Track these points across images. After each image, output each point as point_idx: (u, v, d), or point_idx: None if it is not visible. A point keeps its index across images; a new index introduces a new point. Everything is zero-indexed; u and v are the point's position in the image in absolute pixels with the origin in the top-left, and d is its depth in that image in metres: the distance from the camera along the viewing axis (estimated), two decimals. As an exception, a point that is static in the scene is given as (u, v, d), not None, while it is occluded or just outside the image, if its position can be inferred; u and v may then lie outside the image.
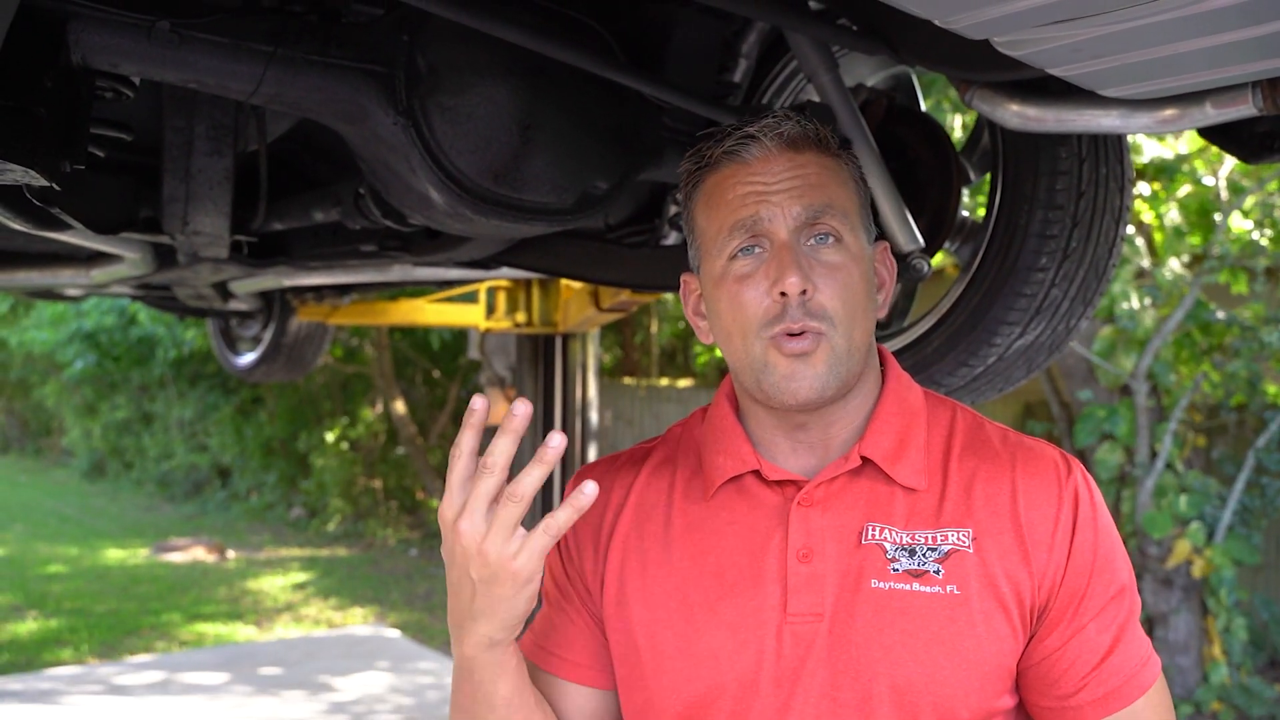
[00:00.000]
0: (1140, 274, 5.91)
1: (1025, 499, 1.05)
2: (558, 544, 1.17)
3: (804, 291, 1.03)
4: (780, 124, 1.07)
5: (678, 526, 1.12)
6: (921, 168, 1.86)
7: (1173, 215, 5.90)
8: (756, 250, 1.06)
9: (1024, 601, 1.03)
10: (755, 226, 1.05)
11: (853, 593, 1.03)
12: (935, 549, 1.03)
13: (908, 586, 1.02)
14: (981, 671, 1.01)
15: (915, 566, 1.03)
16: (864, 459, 1.08)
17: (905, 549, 1.03)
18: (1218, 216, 5.74)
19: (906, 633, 1.01)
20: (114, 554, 10.41)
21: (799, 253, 1.04)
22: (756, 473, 1.10)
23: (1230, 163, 5.76)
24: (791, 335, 1.03)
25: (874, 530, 1.05)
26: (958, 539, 1.03)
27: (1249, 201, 5.73)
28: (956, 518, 1.05)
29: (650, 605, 1.09)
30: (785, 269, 1.03)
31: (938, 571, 1.02)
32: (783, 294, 1.03)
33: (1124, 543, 1.11)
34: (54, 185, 1.21)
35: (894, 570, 1.03)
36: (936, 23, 1.10)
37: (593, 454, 4.83)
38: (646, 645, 1.09)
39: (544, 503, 4.75)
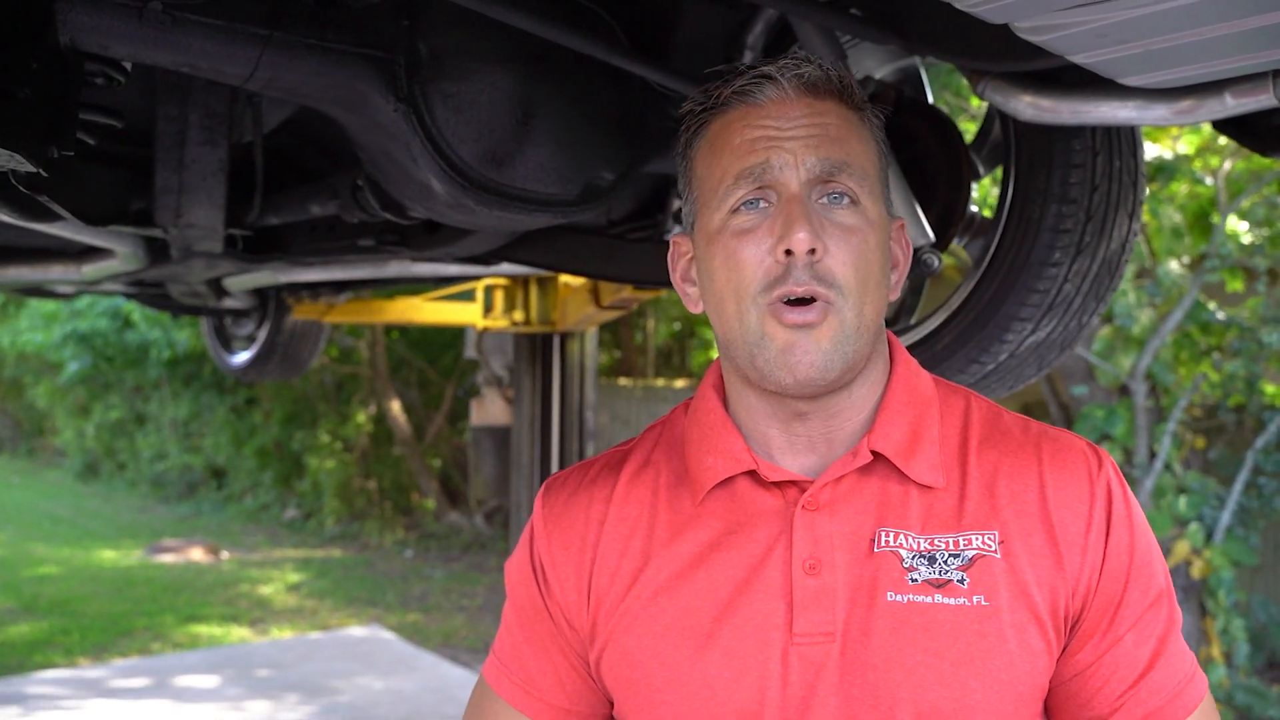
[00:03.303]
0: (1139, 273, 5.89)
1: (1055, 494, 0.94)
2: (533, 569, 1.05)
3: (812, 251, 0.89)
4: (800, 66, 0.94)
5: (663, 540, 0.99)
6: (931, 161, 1.83)
7: (1171, 215, 5.89)
8: (762, 205, 0.93)
9: (1058, 610, 0.91)
10: (764, 175, 0.92)
11: (867, 607, 0.91)
12: (958, 555, 0.91)
13: (929, 599, 0.90)
14: (1015, 692, 0.90)
15: (936, 575, 0.91)
16: (874, 454, 0.95)
17: (924, 556, 0.92)
18: (1216, 220, 5.73)
19: (930, 651, 0.89)
20: (107, 555, 10.36)
21: (810, 208, 0.91)
22: (752, 473, 0.98)
23: (1229, 164, 5.75)
24: (794, 304, 0.91)
25: (887, 536, 0.93)
26: (983, 543, 0.92)
27: (1247, 202, 5.71)
28: (980, 519, 0.93)
29: (638, 632, 0.97)
30: (793, 223, 0.89)
31: (962, 580, 0.91)
32: (788, 252, 0.90)
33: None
34: (41, 171, 1.17)
35: (912, 580, 0.91)
36: (957, 7, 1.07)
37: (590, 454, 4.79)
38: (636, 677, 0.97)
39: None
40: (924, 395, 1.00)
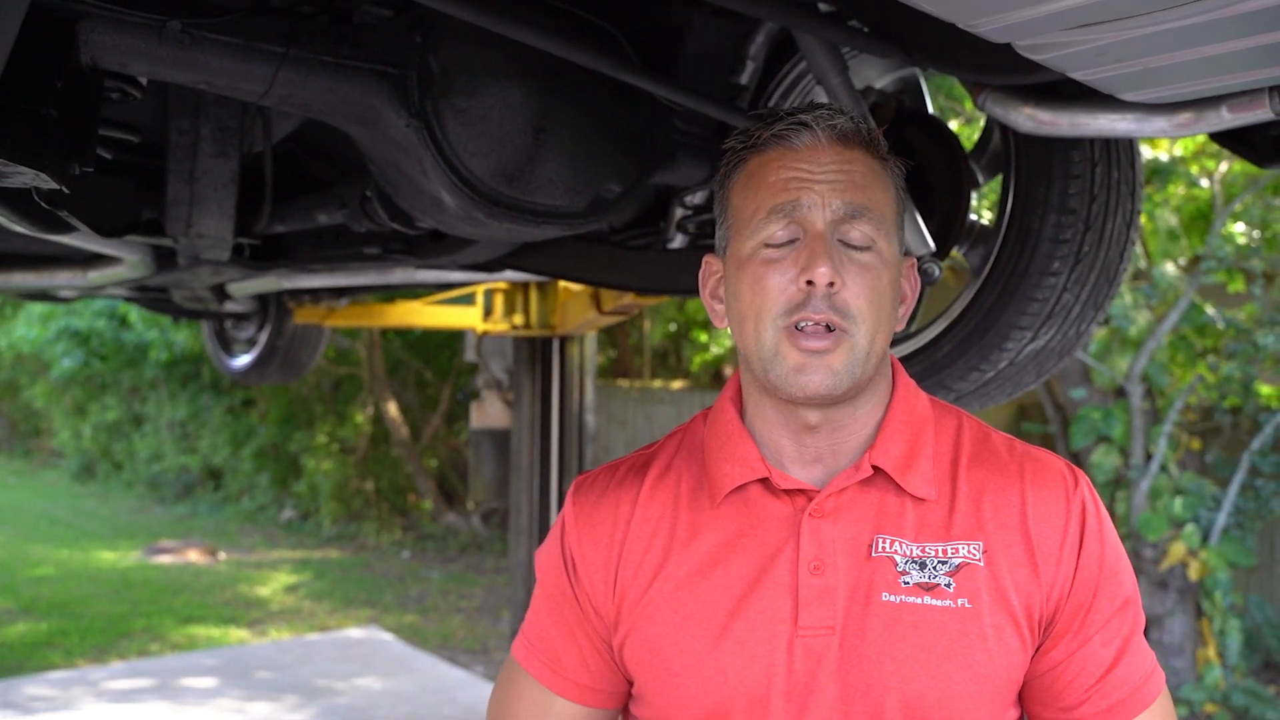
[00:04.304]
0: (1136, 275, 5.91)
1: (1035, 511, 1.05)
2: (564, 559, 1.15)
3: (831, 284, 1.00)
4: (834, 117, 1.06)
5: (683, 539, 1.09)
6: (931, 171, 1.86)
7: (1167, 218, 5.91)
8: (789, 239, 1.04)
9: (1033, 614, 1.03)
10: (793, 213, 1.03)
11: (864, 606, 1.02)
12: (946, 562, 1.03)
13: (919, 600, 1.01)
14: (993, 685, 1.01)
15: (926, 579, 1.02)
16: (874, 468, 1.06)
17: (915, 561, 1.03)
18: (1212, 221, 5.76)
19: (919, 646, 1.00)
20: (105, 556, 10.35)
21: (832, 246, 1.02)
22: (764, 481, 1.08)
23: (1225, 166, 5.78)
24: (810, 331, 1.01)
25: (884, 542, 1.04)
26: (968, 552, 1.03)
27: (1240, 206, 5.74)
28: (967, 530, 1.04)
29: (659, 621, 1.07)
30: (816, 258, 1.00)
31: (949, 585, 1.02)
32: (809, 283, 1.00)
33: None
34: (63, 188, 1.19)
35: (905, 583, 1.02)
36: (960, 25, 1.10)
37: (589, 457, 4.81)
38: (656, 662, 1.07)
39: (544, 513, 4.73)
40: (921, 415, 1.11)
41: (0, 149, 1.07)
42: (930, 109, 1.98)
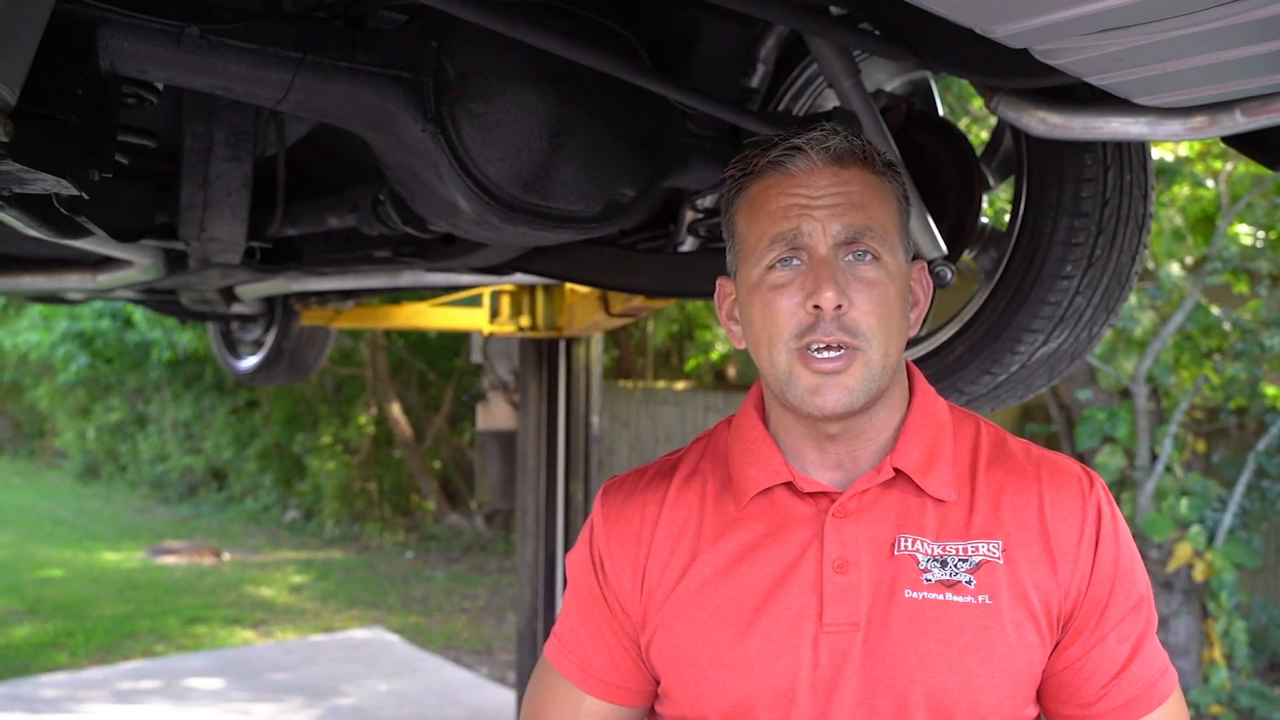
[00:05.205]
0: (1141, 275, 5.91)
1: (1052, 511, 1.07)
2: (592, 560, 1.18)
3: (839, 306, 1.03)
4: (828, 138, 1.07)
5: (710, 539, 1.12)
6: (942, 174, 1.85)
7: (1173, 218, 5.91)
8: (794, 262, 1.06)
9: (1051, 611, 1.05)
10: (795, 240, 1.06)
11: (887, 602, 1.04)
12: (966, 560, 1.05)
13: (941, 596, 1.04)
14: (1013, 679, 1.03)
15: (947, 577, 1.04)
16: (896, 470, 1.09)
17: (937, 560, 1.05)
18: (1218, 222, 5.75)
19: (941, 641, 1.02)
20: (109, 557, 10.37)
21: (836, 268, 1.04)
22: (788, 484, 1.11)
23: (1230, 167, 5.78)
24: (822, 351, 1.04)
25: (906, 541, 1.06)
26: (988, 550, 1.05)
27: (1246, 206, 5.73)
28: (986, 529, 1.07)
29: (685, 618, 1.10)
30: (821, 283, 1.03)
31: (969, 582, 1.04)
32: (816, 307, 1.03)
33: (1125, 547, 1.14)
34: (83, 195, 1.19)
35: (927, 580, 1.04)
36: (976, 30, 1.10)
37: (595, 459, 4.81)
38: (683, 658, 1.09)
39: (550, 514, 4.73)
40: (940, 420, 1.14)
41: (22, 156, 1.07)
42: (940, 111, 1.98)
